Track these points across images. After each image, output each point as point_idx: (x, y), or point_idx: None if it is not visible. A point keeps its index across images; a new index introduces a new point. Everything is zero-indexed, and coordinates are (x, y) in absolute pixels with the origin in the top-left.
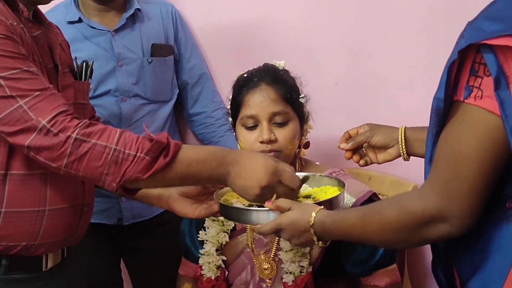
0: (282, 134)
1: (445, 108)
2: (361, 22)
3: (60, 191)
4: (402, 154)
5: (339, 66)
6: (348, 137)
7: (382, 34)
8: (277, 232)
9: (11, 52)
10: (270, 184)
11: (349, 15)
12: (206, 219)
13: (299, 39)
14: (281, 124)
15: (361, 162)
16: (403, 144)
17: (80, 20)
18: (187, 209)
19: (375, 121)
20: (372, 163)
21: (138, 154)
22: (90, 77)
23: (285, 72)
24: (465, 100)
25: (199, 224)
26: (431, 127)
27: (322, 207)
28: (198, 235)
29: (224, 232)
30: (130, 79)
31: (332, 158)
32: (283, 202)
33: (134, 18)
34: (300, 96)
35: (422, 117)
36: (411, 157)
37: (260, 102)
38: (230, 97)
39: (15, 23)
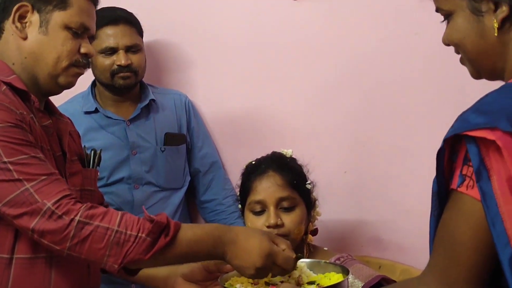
0: (289, 219)
1: (441, 194)
2: (368, 113)
3: (64, 275)
4: None
5: (348, 155)
6: None
7: (389, 124)
8: None
9: (19, 140)
10: (264, 266)
11: (357, 106)
12: None
13: (309, 128)
14: (288, 209)
15: None
16: None
17: (96, 111)
18: None
19: (384, 208)
20: None
21: (140, 234)
22: (98, 164)
23: (292, 159)
24: (458, 189)
25: None
26: (433, 209)
27: None
28: None
29: None
30: (143, 167)
31: (340, 244)
32: (287, 286)
33: (148, 108)
34: (307, 183)
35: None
36: (421, 244)
37: (268, 187)
38: (239, 183)
39: (24, 113)
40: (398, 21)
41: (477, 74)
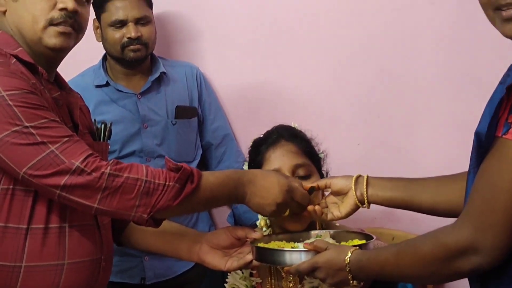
0: None
1: (487, 143)
2: (382, 85)
3: (78, 244)
4: (364, 195)
5: (361, 127)
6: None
7: (403, 95)
8: (313, 271)
9: (37, 105)
10: (284, 201)
11: (371, 78)
12: (226, 286)
13: (322, 101)
14: (304, 178)
15: (323, 215)
16: (365, 189)
17: (107, 84)
18: (218, 261)
19: None
20: (337, 218)
21: (167, 183)
22: (109, 138)
23: (301, 131)
24: (503, 136)
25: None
26: (472, 166)
27: (358, 247)
28: None
29: None
30: (154, 140)
31: (354, 216)
32: (320, 242)
33: (159, 81)
34: (319, 152)
35: None
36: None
37: (282, 155)
38: (247, 161)
39: (36, 83)
40: None
41: None
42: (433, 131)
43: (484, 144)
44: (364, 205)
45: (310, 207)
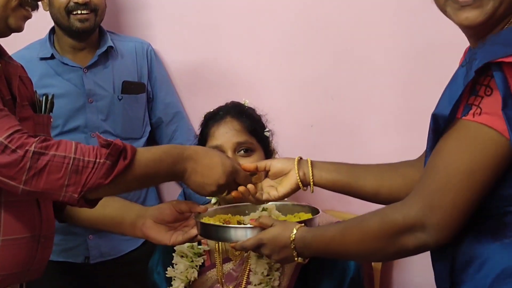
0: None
1: (445, 125)
2: (337, 67)
3: (15, 220)
4: (309, 175)
5: (315, 109)
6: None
7: (358, 78)
8: (258, 247)
9: None
10: (227, 183)
11: (326, 59)
12: (174, 255)
13: (276, 81)
14: (246, 155)
15: (258, 194)
16: (311, 169)
17: (52, 57)
18: (163, 236)
19: (349, 162)
20: (272, 200)
21: (98, 160)
22: (51, 110)
23: (250, 108)
24: (463, 117)
25: (167, 260)
26: (429, 147)
27: (303, 224)
28: (166, 272)
29: (193, 268)
30: (99, 115)
31: (304, 197)
32: (266, 219)
33: (107, 55)
34: (265, 130)
35: (395, 160)
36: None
37: (225, 133)
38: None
39: None
40: None
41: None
42: (386, 115)
43: (442, 126)
44: (305, 187)
45: (241, 188)
